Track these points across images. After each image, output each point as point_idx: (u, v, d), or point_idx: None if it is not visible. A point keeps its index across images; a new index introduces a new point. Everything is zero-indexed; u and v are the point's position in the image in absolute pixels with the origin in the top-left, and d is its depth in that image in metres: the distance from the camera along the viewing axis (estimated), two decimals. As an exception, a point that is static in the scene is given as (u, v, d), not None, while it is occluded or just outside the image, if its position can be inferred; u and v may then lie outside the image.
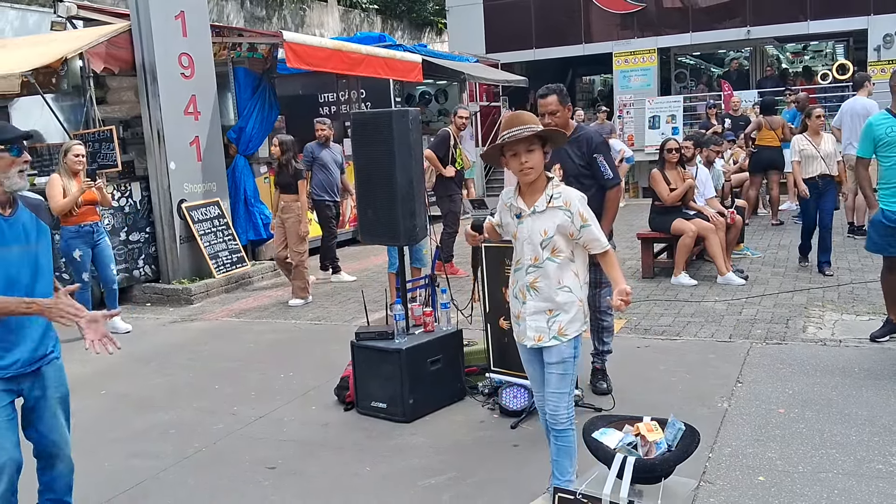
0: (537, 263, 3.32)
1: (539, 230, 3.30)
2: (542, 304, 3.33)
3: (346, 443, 4.60)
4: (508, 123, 3.31)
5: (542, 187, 3.32)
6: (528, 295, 3.35)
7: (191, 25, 9.02)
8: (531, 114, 3.40)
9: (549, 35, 19.65)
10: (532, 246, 3.32)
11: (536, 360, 3.44)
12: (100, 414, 5.36)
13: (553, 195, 3.30)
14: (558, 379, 3.34)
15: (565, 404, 3.33)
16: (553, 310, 3.31)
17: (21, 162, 3.14)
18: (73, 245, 7.18)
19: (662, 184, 8.12)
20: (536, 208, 3.31)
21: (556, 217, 3.28)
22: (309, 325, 7.42)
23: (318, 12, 21.62)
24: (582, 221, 3.28)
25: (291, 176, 8.16)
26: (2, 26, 12.49)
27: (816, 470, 3.84)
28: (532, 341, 3.36)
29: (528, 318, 3.35)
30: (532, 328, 3.35)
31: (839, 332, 6.08)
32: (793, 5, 17.58)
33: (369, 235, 5.29)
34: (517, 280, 3.41)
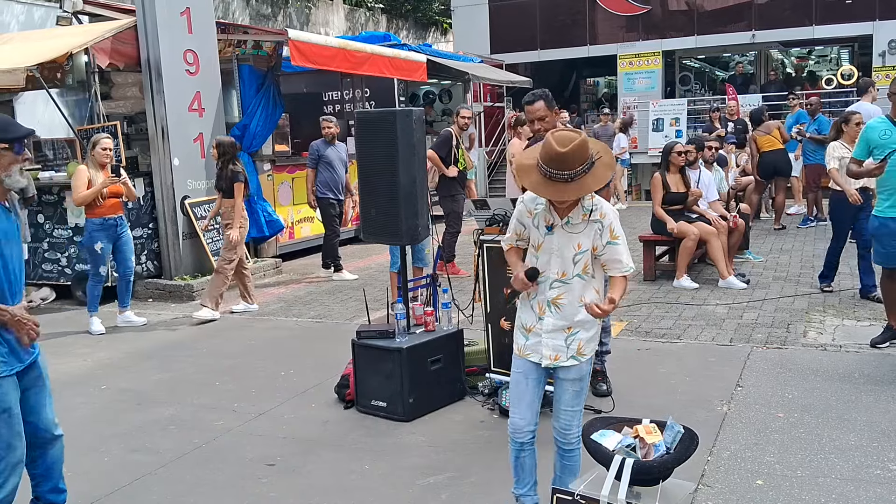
0: (565, 279, 3.14)
1: (572, 244, 3.11)
2: (562, 322, 3.17)
3: (345, 441, 4.61)
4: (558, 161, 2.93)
5: (577, 200, 3.11)
6: (548, 311, 3.17)
7: (196, 22, 9.04)
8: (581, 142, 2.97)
9: (554, 36, 19.67)
10: (562, 260, 3.13)
11: (534, 378, 3.27)
12: (100, 409, 5.37)
13: (591, 208, 3.11)
14: (573, 396, 3.22)
15: (577, 422, 3.22)
16: (572, 328, 3.17)
17: (22, 160, 3.17)
18: (97, 238, 7.26)
19: (659, 192, 8.15)
20: (571, 220, 3.12)
21: (590, 231, 3.11)
22: (310, 323, 7.43)
23: (323, 11, 21.64)
24: (610, 237, 3.11)
25: (227, 179, 7.64)
26: (7, 21, 12.52)
27: (815, 475, 3.85)
28: (548, 360, 3.19)
29: (545, 335, 3.18)
30: (549, 346, 3.18)
31: (840, 337, 6.09)
32: (798, 10, 17.59)
33: (371, 234, 5.30)
34: (534, 293, 3.21)
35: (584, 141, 2.98)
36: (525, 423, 3.26)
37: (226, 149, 7.74)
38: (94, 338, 7.23)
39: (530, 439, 3.28)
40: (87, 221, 7.28)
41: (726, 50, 20.84)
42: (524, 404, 3.26)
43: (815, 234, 10.94)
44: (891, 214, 5.50)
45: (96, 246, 7.27)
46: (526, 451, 3.31)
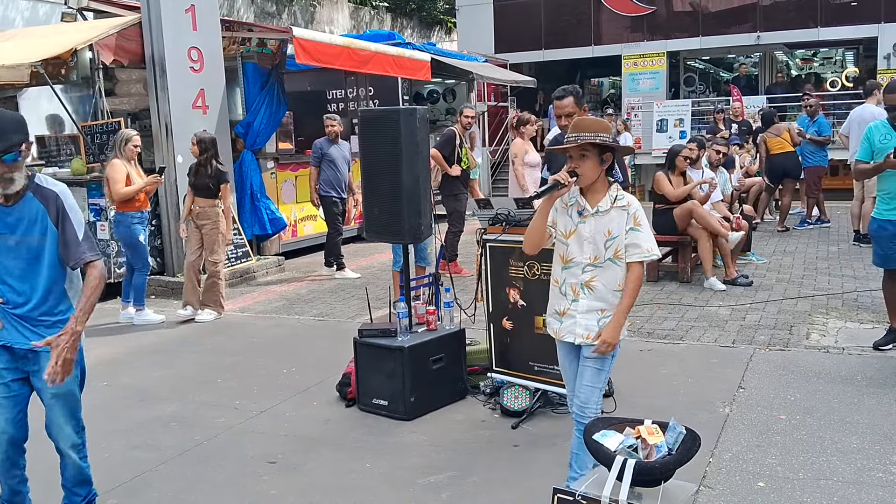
0: (597, 263, 3.34)
1: (603, 230, 3.34)
2: (596, 303, 3.36)
3: (346, 439, 4.61)
4: (571, 127, 3.38)
5: (604, 189, 3.37)
6: (582, 293, 3.38)
7: (201, 19, 9.04)
8: (598, 120, 3.44)
9: (559, 36, 19.65)
10: (594, 245, 3.34)
11: (574, 357, 3.48)
12: (101, 405, 5.36)
13: (618, 196, 3.36)
14: (593, 373, 3.40)
15: (596, 398, 3.40)
16: (605, 310, 3.36)
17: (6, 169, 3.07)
18: (138, 230, 7.43)
19: (667, 183, 8.13)
20: (600, 208, 3.35)
21: (619, 218, 3.34)
22: (312, 322, 7.43)
23: (328, 9, 21.63)
24: (634, 223, 3.34)
25: (211, 178, 7.45)
26: (13, 16, 12.54)
27: (817, 477, 3.84)
28: (581, 338, 3.38)
29: (580, 315, 3.38)
30: (582, 325, 3.38)
31: (842, 339, 6.07)
32: (803, 12, 17.55)
33: (374, 233, 5.30)
34: (566, 277, 3.41)
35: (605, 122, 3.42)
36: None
37: (207, 146, 7.51)
38: (95, 334, 7.22)
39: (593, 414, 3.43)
40: (124, 215, 7.35)
41: (731, 51, 20.81)
42: (571, 381, 3.52)
43: (819, 236, 10.92)
44: (890, 217, 5.51)
45: (140, 238, 7.44)
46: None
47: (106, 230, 8.48)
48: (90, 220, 8.53)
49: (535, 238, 3.50)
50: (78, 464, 3.51)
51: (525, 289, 4.79)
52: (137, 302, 7.58)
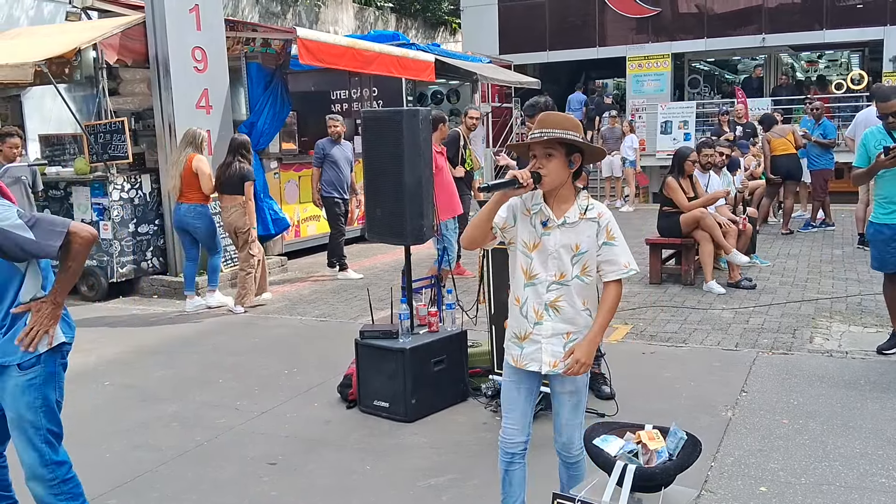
0: (563, 281, 2.99)
1: (570, 244, 2.99)
2: (561, 325, 3.01)
3: (347, 441, 4.60)
4: (537, 123, 3.01)
5: (571, 198, 3.02)
6: (546, 315, 3.01)
7: (205, 19, 9.03)
8: (568, 117, 3.02)
9: (563, 38, 19.64)
10: (559, 261, 2.99)
11: (526, 387, 3.12)
12: (102, 405, 5.37)
13: (588, 206, 3.02)
14: (572, 408, 3.11)
15: (579, 434, 3.08)
16: (571, 332, 3.02)
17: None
18: (214, 219, 8.09)
19: (680, 192, 8.08)
20: (567, 219, 2.99)
21: (589, 230, 3.00)
22: (314, 322, 7.42)
23: (332, 9, 21.64)
24: (607, 237, 3.01)
25: (236, 176, 7.78)
26: (18, 15, 12.56)
27: (819, 482, 3.82)
28: (548, 366, 3.02)
29: (545, 340, 3.02)
30: (548, 352, 3.01)
31: (846, 343, 6.05)
32: (809, 14, 17.52)
33: (376, 234, 5.29)
34: (528, 296, 3.04)
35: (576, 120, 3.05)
36: (517, 433, 3.14)
37: (235, 146, 7.91)
38: (97, 334, 7.22)
39: (522, 451, 3.16)
40: (205, 206, 7.92)
41: (736, 53, 20.79)
42: (517, 413, 3.13)
43: (823, 239, 10.89)
44: (885, 221, 5.50)
45: (218, 227, 8.11)
46: (516, 465, 3.18)
47: (109, 230, 8.48)
48: (93, 219, 8.53)
49: (476, 234, 3.06)
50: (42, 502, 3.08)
51: (527, 291, 4.77)
52: (212, 283, 8.17)
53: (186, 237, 8.03)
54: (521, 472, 3.22)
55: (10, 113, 10.44)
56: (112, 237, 8.50)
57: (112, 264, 8.52)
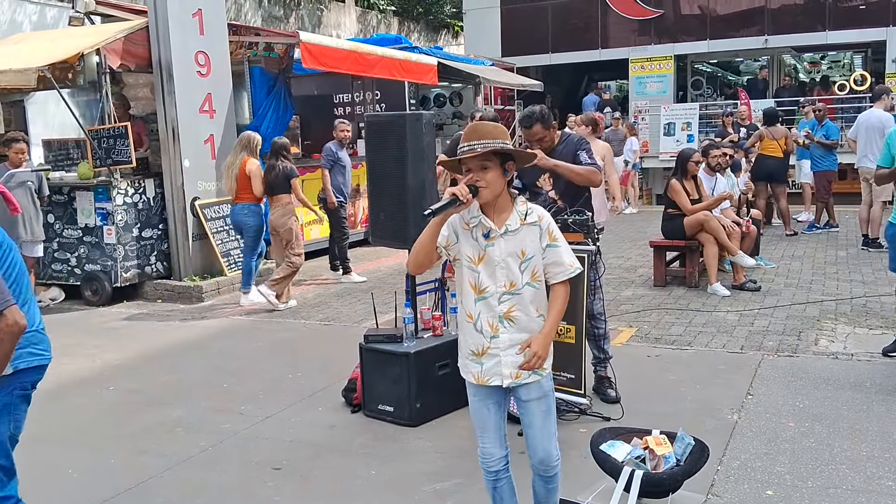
0: (514, 290, 2.96)
1: (516, 251, 2.96)
2: (518, 335, 2.97)
3: (351, 445, 4.59)
4: (465, 135, 2.97)
5: (509, 205, 2.99)
6: (502, 327, 2.97)
7: (208, 24, 9.05)
8: (497, 125, 3.01)
9: (566, 40, 19.62)
10: (507, 271, 2.95)
11: (494, 402, 3.07)
12: (107, 410, 5.37)
13: (526, 211, 2.99)
14: (543, 417, 3.04)
15: (555, 446, 3.05)
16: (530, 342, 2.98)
17: None
18: (264, 219, 8.30)
19: (683, 194, 8.07)
20: (509, 227, 2.96)
21: (531, 235, 2.98)
22: (318, 326, 7.41)
23: (335, 13, 21.66)
24: (549, 240, 2.99)
25: (281, 175, 8.06)
26: (21, 20, 12.58)
27: (826, 485, 3.80)
28: (510, 379, 2.98)
29: (503, 353, 2.97)
30: (508, 364, 2.97)
31: (851, 345, 6.03)
32: (811, 15, 17.49)
33: (380, 237, 5.29)
34: (480, 311, 2.99)
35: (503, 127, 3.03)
36: (495, 450, 3.09)
37: (277, 148, 8.25)
38: (102, 338, 7.22)
39: (504, 466, 3.12)
40: (258, 206, 8.20)
41: (738, 54, 20.76)
42: (491, 431, 3.08)
43: (827, 240, 10.86)
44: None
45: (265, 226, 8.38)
46: (502, 480, 3.14)
47: (113, 234, 8.49)
48: (97, 223, 8.54)
49: (421, 258, 3.02)
50: None
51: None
52: (246, 285, 8.35)
53: (240, 234, 8.51)
54: (509, 486, 3.18)
55: (14, 118, 10.46)
56: (116, 242, 8.50)
57: (116, 269, 8.53)
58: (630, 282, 8.58)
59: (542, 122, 4.90)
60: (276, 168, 8.10)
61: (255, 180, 8.02)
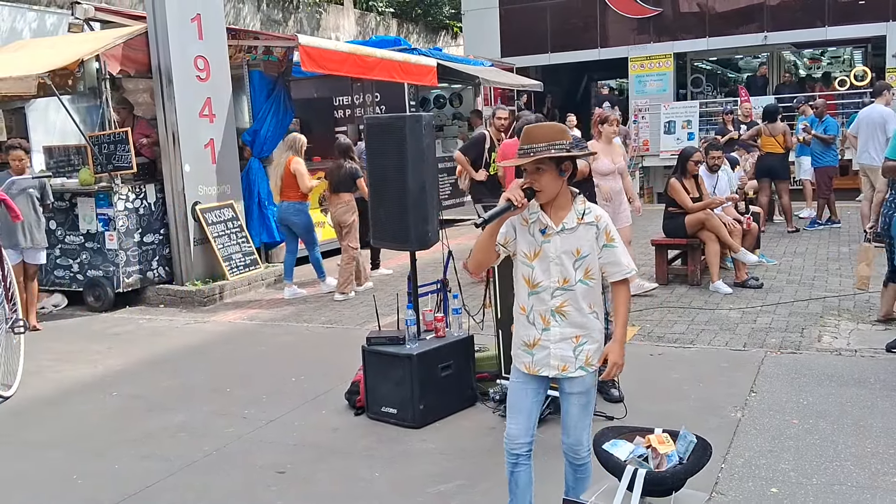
0: (567, 286, 3.05)
1: (571, 249, 3.04)
2: (569, 330, 3.07)
3: (355, 448, 4.59)
4: (521, 138, 3.06)
5: (568, 203, 3.07)
6: (554, 320, 3.07)
7: (207, 28, 9.05)
8: (552, 125, 3.08)
9: (565, 39, 19.61)
10: (561, 267, 3.04)
11: (533, 388, 3.17)
12: (110, 415, 5.37)
13: (584, 211, 3.07)
14: (580, 410, 3.15)
15: (587, 436, 3.14)
16: (580, 336, 3.08)
17: None
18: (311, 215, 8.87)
19: (683, 193, 8.06)
20: (566, 225, 3.04)
21: (588, 234, 3.05)
22: (321, 329, 7.42)
23: (334, 15, 21.68)
24: (607, 240, 3.06)
25: (346, 175, 8.58)
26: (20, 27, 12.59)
27: (830, 482, 3.80)
28: (556, 371, 3.09)
29: (553, 345, 3.08)
30: (557, 357, 3.08)
31: (854, 341, 6.02)
32: (811, 11, 17.47)
33: (381, 239, 5.30)
34: (533, 304, 3.10)
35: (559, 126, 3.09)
36: (522, 433, 3.17)
37: (342, 150, 8.69)
38: (104, 344, 7.22)
39: (527, 451, 3.19)
40: (304, 204, 8.74)
41: (738, 52, 20.73)
42: (523, 414, 3.17)
43: (829, 236, 10.85)
44: None
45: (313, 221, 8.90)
46: (521, 466, 3.21)
47: (115, 240, 8.50)
48: (99, 229, 8.55)
49: (481, 257, 3.16)
50: None
51: (533, 295, 4.76)
52: (321, 274, 9.00)
53: (287, 231, 8.96)
54: (527, 474, 3.24)
55: (15, 125, 10.46)
56: (118, 247, 8.51)
57: (118, 274, 8.53)
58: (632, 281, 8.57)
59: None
60: (342, 167, 8.60)
61: (302, 178, 8.49)
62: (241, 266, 9.24)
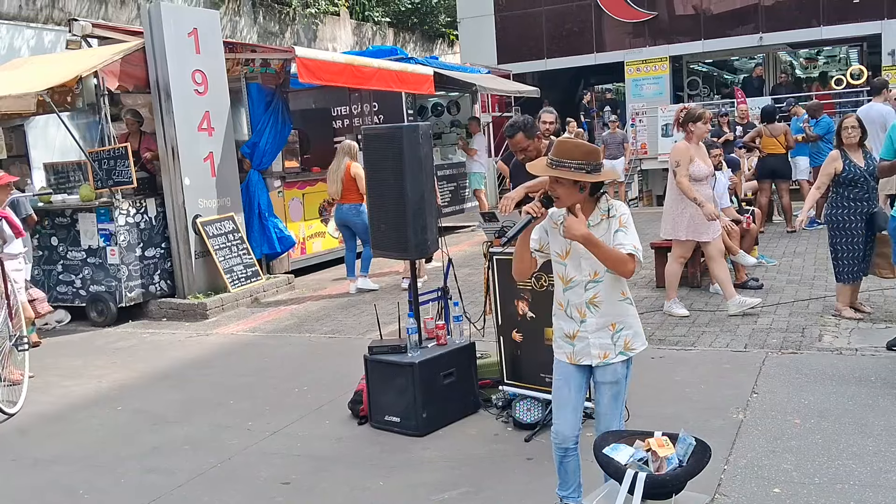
0: (597, 278, 3.23)
1: None
2: (605, 319, 3.26)
3: (359, 458, 4.61)
4: (553, 149, 3.23)
5: (591, 207, 3.26)
6: (589, 312, 3.26)
7: (204, 42, 9.10)
8: (579, 145, 3.21)
9: (561, 45, 19.69)
10: (590, 261, 3.21)
11: (576, 383, 3.34)
12: (115, 429, 5.39)
13: (608, 207, 3.26)
14: (611, 399, 3.31)
15: (617, 425, 3.30)
16: (616, 324, 3.27)
17: None
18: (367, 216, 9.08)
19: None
20: (591, 222, 3.22)
21: (610, 226, 3.24)
22: (323, 339, 7.44)
23: (330, 26, 21.76)
24: (619, 225, 3.23)
25: None
26: (18, 45, 12.67)
27: (833, 481, 3.81)
28: (598, 359, 3.27)
29: (592, 335, 3.26)
30: (596, 346, 3.27)
31: (855, 340, 6.04)
32: (805, 11, 17.54)
33: (381, 248, 5.32)
34: (569, 299, 3.30)
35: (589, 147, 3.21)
36: (569, 429, 3.34)
37: None
38: (108, 359, 7.25)
39: (574, 444, 3.36)
40: (362, 206, 8.96)
41: (734, 53, 20.80)
42: (568, 409, 3.35)
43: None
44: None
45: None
46: (570, 457, 3.39)
47: (116, 255, 8.53)
48: (100, 244, 8.59)
49: (522, 267, 3.43)
50: None
51: (534, 300, 4.79)
52: (364, 270, 9.46)
53: (346, 231, 9.50)
54: (576, 461, 3.42)
55: (15, 143, 10.51)
56: (119, 262, 8.54)
57: (120, 289, 8.56)
58: (632, 284, 8.58)
59: (525, 132, 4.97)
60: None
61: (362, 181, 8.59)
62: (242, 278, 9.27)
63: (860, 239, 6.46)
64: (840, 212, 6.49)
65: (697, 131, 6.91)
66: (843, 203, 6.50)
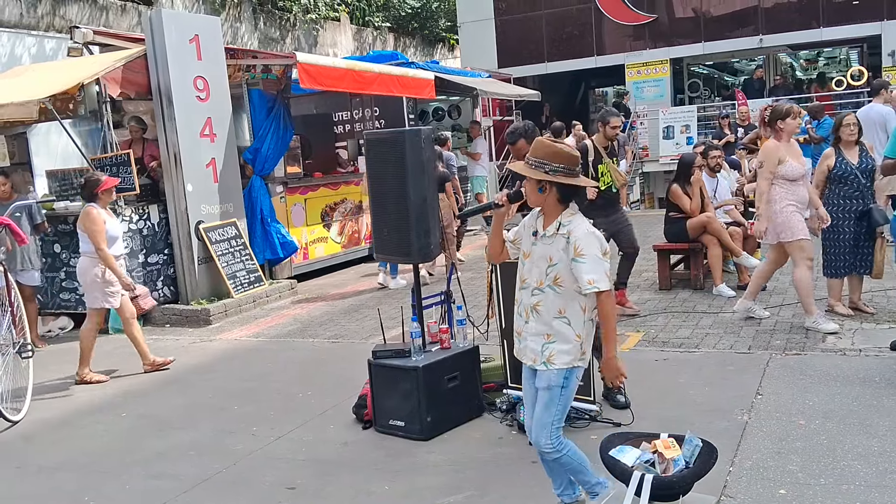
0: (541, 287, 3.32)
1: (546, 255, 3.31)
2: (541, 327, 3.34)
3: (364, 462, 4.61)
4: (531, 150, 3.35)
5: (555, 214, 3.31)
6: (531, 316, 3.37)
7: (205, 49, 9.12)
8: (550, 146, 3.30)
9: (561, 48, 19.72)
10: (539, 270, 3.32)
11: (533, 382, 3.44)
12: (120, 435, 5.40)
13: (562, 223, 3.29)
14: (542, 407, 3.34)
15: (546, 433, 3.30)
16: (550, 335, 3.31)
17: None
18: None
19: (685, 198, 8.09)
20: (546, 233, 3.32)
21: (559, 244, 3.27)
22: (326, 344, 7.44)
23: (331, 32, 21.80)
24: (575, 254, 3.21)
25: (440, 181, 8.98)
26: (20, 53, 12.70)
27: (838, 482, 3.81)
28: (530, 361, 3.39)
29: (529, 338, 3.38)
30: (531, 348, 3.37)
31: (859, 341, 6.03)
32: (805, 12, 17.55)
33: (384, 253, 5.32)
34: (521, 299, 3.42)
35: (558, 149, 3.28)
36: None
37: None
38: (111, 365, 7.25)
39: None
40: None
41: (734, 55, 20.81)
42: (530, 405, 3.45)
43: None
44: None
45: None
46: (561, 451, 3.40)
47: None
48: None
49: (493, 249, 3.60)
50: None
51: (537, 304, 4.79)
52: (394, 273, 9.74)
53: None
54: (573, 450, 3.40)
55: (17, 150, 10.53)
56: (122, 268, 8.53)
57: (123, 295, 8.55)
58: (635, 286, 8.58)
59: (527, 138, 4.99)
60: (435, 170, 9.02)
61: None
62: (245, 283, 9.28)
63: (848, 236, 6.50)
64: (830, 209, 6.50)
65: (787, 128, 6.26)
66: (835, 200, 6.54)
